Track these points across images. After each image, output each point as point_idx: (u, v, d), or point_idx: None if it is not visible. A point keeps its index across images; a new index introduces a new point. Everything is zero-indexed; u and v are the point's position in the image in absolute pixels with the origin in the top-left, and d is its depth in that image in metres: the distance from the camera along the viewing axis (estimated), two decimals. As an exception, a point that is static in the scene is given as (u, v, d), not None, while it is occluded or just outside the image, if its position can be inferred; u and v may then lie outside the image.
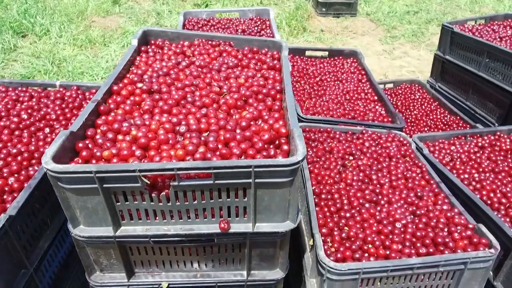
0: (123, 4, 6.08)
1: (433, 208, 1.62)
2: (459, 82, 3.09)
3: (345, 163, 1.91)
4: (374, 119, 2.45)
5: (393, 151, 2.01)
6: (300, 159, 1.01)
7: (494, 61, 2.70)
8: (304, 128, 2.16)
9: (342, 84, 2.79)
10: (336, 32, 5.82)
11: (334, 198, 1.68)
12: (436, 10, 6.72)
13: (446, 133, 2.25)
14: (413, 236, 1.49)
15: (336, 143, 2.05)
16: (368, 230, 1.51)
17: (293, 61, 2.98)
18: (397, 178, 1.81)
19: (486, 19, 3.23)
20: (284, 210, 1.13)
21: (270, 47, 1.86)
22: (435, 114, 2.95)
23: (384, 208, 1.62)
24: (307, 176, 1.78)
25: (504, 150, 2.09)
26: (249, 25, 2.75)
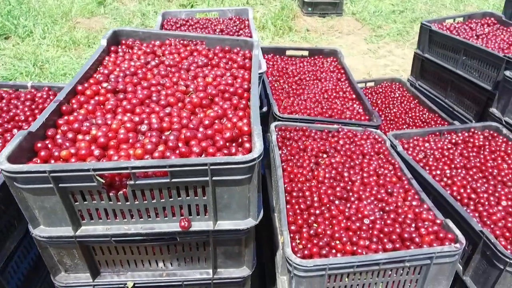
0: (108, 5, 6.05)
1: (402, 204, 1.64)
2: (438, 80, 3.12)
3: (319, 161, 1.93)
4: (351, 117, 2.46)
5: (366, 148, 2.03)
6: (256, 156, 1.02)
7: (470, 58, 2.74)
8: (280, 127, 2.17)
9: (321, 83, 2.80)
10: (321, 32, 5.84)
11: (305, 196, 1.69)
12: (421, 9, 6.78)
13: (421, 130, 2.28)
14: (381, 232, 1.50)
15: (310, 141, 2.06)
16: (336, 226, 1.52)
17: (273, 61, 2.99)
18: (368, 175, 1.82)
19: (465, 17, 3.27)
20: (245, 208, 1.14)
21: (243, 46, 1.87)
22: (414, 111, 2.97)
23: (353, 204, 1.63)
24: (280, 174, 1.79)
25: (477, 146, 2.12)
26: (228, 25, 2.76)
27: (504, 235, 1.56)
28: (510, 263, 1.42)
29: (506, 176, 1.89)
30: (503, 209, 1.68)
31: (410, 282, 1.47)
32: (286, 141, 2.07)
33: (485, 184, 1.84)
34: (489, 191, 1.79)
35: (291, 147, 2.01)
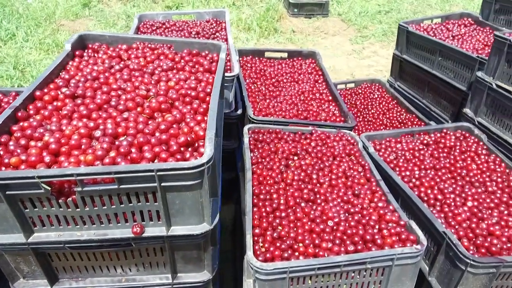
0: (93, 7, 6.02)
1: (367, 206, 1.65)
2: (416, 81, 3.14)
3: (289, 163, 1.93)
4: (327, 119, 2.47)
5: (338, 150, 2.04)
6: (205, 161, 1.02)
7: (446, 59, 2.76)
8: (254, 129, 2.17)
9: (298, 84, 2.81)
10: (307, 33, 5.86)
11: (273, 198, 1.69)
12: (407, 10, 6.82)
13: (394, 131, 2.29)
14: (344, 234, 1.51)
15: (282, 144, 2.06)
16: (300, 229, 1.52)
17: (251, 63, 2.99)
18: (337, 177, 1.83)
19: (443, 18, 3.29)
20: (198, 213, 1.14)
21: (211, 49, 1.87)
22: (392, 112, 2.99)
23: (319, 207, 1.64)
24: (249, 177, 1.79)
25: (448, 147, 2.13)
26: (204, 27, 2.76)
27: (467, 235, 1.58)
28: (471, 264, 1.43)
29: (474, 177, 1.91)
30: (468, 210, 1.69)
31: (374, 284, 1.48)
32: (258, 144, 2.07)
33: (453, 184, 1.86)
34: (456, 191, 1.80)
35: (263, 149, 2.01)
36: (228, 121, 2.35)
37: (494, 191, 1.82)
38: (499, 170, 1.96)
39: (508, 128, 2.16)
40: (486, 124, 2.29)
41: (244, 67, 2.93)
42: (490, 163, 2.01)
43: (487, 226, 1.59)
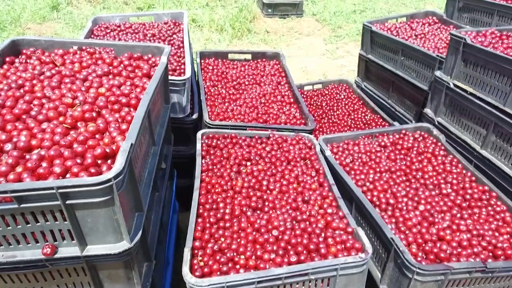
0: (62, 9, 5.86)
1: (315, 213, 1.59)
2: (381, 81, 3.11)
3: (240, 170, 1.86)
4: (287, 121, 2.41)
5: (293, 154, 1.98)
6: (112, 176, 0.94)
7: (408, 59, 2.73)
8: (208, 134, 2.10)
9: (260, 87, 2.75)
10: (281, 33, 5.81)
11: (219, 208, 1.62)
12: (382, 9, 6.84)
13: (352, 133, 2.24)
14: (288, 243, 1.45)
15: (236, 149, 1.99)
16: (243, 240, 1.46)
17: (213, 65, 2.92)
18: (288, 183, 1.77)
19: (407, 17, 3.27)
20: (115, 230, 1.06)
21: (155, 53, 1.80)
22: (357, 113, 2.96)
23: (266, 215, 1.57)
24: (197, 186, 1.72)
25: (405, 148, 2.10)
26: (161, 29, 2.67)
27: (417, 241, 1.53)
28: (418, 272, 1.38)
29: (429, 179, 1.87)
30: (420, 214, 1.65)
31: (320, 294, 1.42)
32: (211, 150, 2.00)
33: (407, 187, 1.82)
34: (410, 195, 1.76)
35: (215, 156, 1.94)
36: (183, 126, 2.27)
37: (448, 194, 1.78)
38: (455, 171, 1.93)
39: (466, 128, 2.14)
40: (446, 124, 2.27)
41: (205, 69, 2.85)
42: (446, 164, 1.97)
43: (437, 231, 1.55)
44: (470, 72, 2.06)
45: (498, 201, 1.76)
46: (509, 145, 1.87)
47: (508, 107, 1.85)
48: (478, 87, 2.02)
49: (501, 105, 1.88)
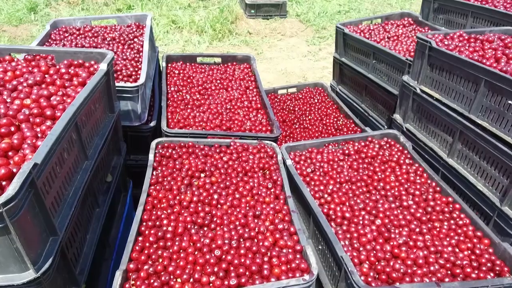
0: (40, 11, 5.74)
1: (264, 229, 1.50)
2: (355, 85, 3.03)
3: (192, 182, 1.77)
4: (251, 128, 2.32)
5: (251, 164, 1.89)
6: (1, 202, 0.84)
7: (380, 62, 2.65)
8: (163, 143, 2.00)
9: (227, 91, 2.65)
10: (264, 34, 5.72)
11: (162, 225, 1.52)
12: (367, 9, 6.77)
13: (317, 141, 2.15)
14: (230, 264, 1.35)
15: (191, 159, 1.89)
16: (182, 261, 1.36)
17: (180, 69, 2.82)
18: (241, 196, 1.68)
19: (382, 18, 3.19)
20: (17, 260, 0.96)
21: (99, 59, 1.70)
22: (329, 118, 2.87)
23: (211, 233, 1.48)
24: (142, 201, 1.62)
25: (369, 157, 2.01)
26: (123, 32, 2.57)
27: (369, 259, 1.44)
28: (366, 293, 1.29)
29: (390, 190, 1.78)
30: (376, 229, 1.56)
31: (264, 319, 1.33)
32: (164, 160, 1.90)
33: (366, 199, 1.73)
34: (368, 207, 1.67)
35: (167, 167, 1.84)
36: (139, 135, 2.17)
37: (409, 206, 1.69)
38: (419, 181, 1.84)
39: (434, 135, 2.05)
40: (414, 131, 2.18)
41: (171, 74, 2.75)
42: (411, 174, 1.89)
43: (392, 247, 1.47)
44: (436, 77, 1.97)
45: (461, 213, 1.68)
46: (474, 153, 1.79)
47: (473, 114, 1.77)
48: (444, 92, 1.94)
49: (466, 112, 1.80)
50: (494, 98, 1.65)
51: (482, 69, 1.67)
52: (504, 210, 1.63)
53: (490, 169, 1.71)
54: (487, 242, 1.55)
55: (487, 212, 1.74)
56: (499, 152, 1.63)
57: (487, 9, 2.59)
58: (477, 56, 1.82)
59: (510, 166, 1.59)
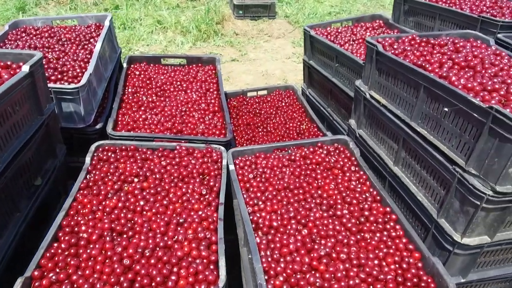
0: (28, 11, 5.76)
1: (182, 238, 1.45)
2: (322, 88, 2.97)
3: (123, 187, 1.73)
4: (204, 132, 2.27)
5: (190, 169, 1.85)
6: None
7: (342, 66, 2.59)
8: (104, 146, 1.96)
9: (186, 94, 2.61)
10: (251, 35, 5.67)
11: (80, 231, 1.48)
12: (359, 10, 6.69)
13: (266, 146, 2.09)
14: (137, 274, 1.31)
15: (127, 163, 1.86)
16: (89, 269, 1.32)
17: (141, 70, 2.78)
18: (169, 203, 1.64)
19: (353, 20, 3.13)
20: None
21: (27, 60, 1.66)
22: (293, 122, 2.81)
23: (125, 241, 1.44)
24: (65, 206, 1.59)
25: (314, 163, 1.95)
26: (81, 33, 2.54)
27: (286, 271, 1.38)
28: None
29: (327, 198, 1.72)
30: (301, 239, 1.50)
31: (171, 331, 1.28)
32: (99, 164, 1.86)
33: (299, 208, 1.67)
34: (299, 216, 1.61)
35: (101, 171, 1.81)
36: (85, 137, 2.14)
37: (343, 215, 1.63)
38: (359, 189, 1.78)
39: (382, 142, 1.99)
40: (365, 137, 2.12)
41: (131, 75, 2.72)
42: (353, 181, 1.82)
43: (311, 259, 1.41)
44: (384, 82, 1.91)
45: (396, 224, 1.61)
46: (416, 162, 1.72)
47: (414, 122, 1.70)
48: (390, 98, 1.88)
49: (408, 119, 1.73)
50: (433, 105, 1.58)
51: (421, 75, 1.61)
52: (440, 223, 1.57)
53: (429, 179, 1.65)
54: (418, 256, 1.48)
55: (427, 224, 1.67)
56: (436, 162, 1.57)
57: (452, 12, 2.52)
58: (422, 60, 1.75)
59: (445, 177, 1.53)
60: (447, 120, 1.51)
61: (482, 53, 1.82)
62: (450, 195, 1.50)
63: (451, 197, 1.50)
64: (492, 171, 1.32)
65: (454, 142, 1.49)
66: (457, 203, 1.48)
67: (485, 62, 1.71)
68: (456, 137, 1.47)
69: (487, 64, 1.70)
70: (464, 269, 1.61)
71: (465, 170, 1.42)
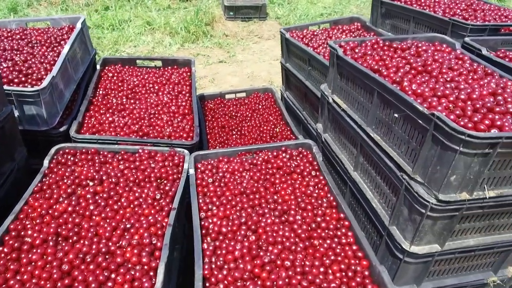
0: (20, 11, 5.78)
1: (126, 244, 1.44)
2: (298, 91, 2.95)
3: (76, 191, 1.72)
4: (171, 135, 2.26)
5: (148, 173, 1.84)
6: None
7: (314, 69, 2.56)
8: (64, 149, 1.96)
9: (157, 96, 2.60)
10: (241, 37, 5.66)
11: (26, 235, 1.47)
12: (351, 12, 6.65)
13: (230, 150, 2.08)
14: (75, 280, 1.30)
15: (85, 167, 1.85)
16: (27, 274, 1.31)
17: (114, 72, 2.77)
18: (120, 208, 1.63)
19: (331, 23, 3.11)
20: None
21: (-19, 64, 1.66)
22: (268, 125, 2.79)
23: (69, 246, 1.43)
24: (15, 210, 1.58)
25: (275, 167, 1.93)
26: (52, 35, 2.54)
27: (227, 278, 1.36)
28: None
29: (282, 204, 1.70)
30: (247, 246, 1.48)
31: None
32: (55, 167, 1.85)
33: (253, 213, 1.65)
34: (250, 222, 1.59)
35: (57, 174, 1.80)
36: (49, 140, 2.14)
37: (295, 221, 1.61)
38: (315, 195, 1.76)
39: (344, 147, 1.97)
40: (330, 141, 2.10)
41: (104, 77, 2.71)
42: (311, 186, 1.81)
43: (253, 267, 1.39)
44: (344, 87, 1.89)
45: (349, 231, 1.59)
46: (372, 167, 1.70)
47: (369, 127, 1.68)
48: (349, 103, 1.86)
49: (364, 124, 1.71)
50: (385, 110, 1.56)
51: (373, 80, 1.59)
52: (391, 230, 1.55)
53: (383, 185, 1.63)
54: (366, 264, 1.46)
55: (381, 231, 1.65)
56: (387, 168, 1.55)
57: (425, 15, 2.50)
58: (379, 65, 1.73)
59: (396, 184, 1.51)
60: (397, 126, 1.49)
61: (443, 57, 1.79)
62: (399, 203, 1.48)
63: (400, 204, 1.48)
64: (435, 179, 1.30)
65: (403, 148, 1.47)
66: (406, 210, 1.46)
67: (443, 67, 1.69)
68: (405, 144, 1.45)
69: (445, 69, 1.67)
70: (418, 278, 1.58)
71: (411, 178, 1.40)
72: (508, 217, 1.49)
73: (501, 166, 1.27)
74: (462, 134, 1.16)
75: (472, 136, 1.15)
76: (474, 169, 1.25)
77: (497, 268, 1.69)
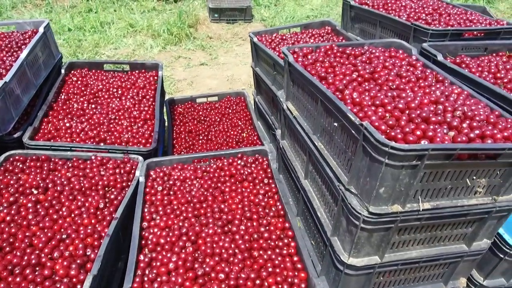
0: (3, 13, 5.75)
1: (58, 255, 1.41)
2: (267, 96, 2.92)
3: (19, 199, 1.69)
4: (129, 140, 2.23)
5: (95, 181, 1.81)
6: None
7: (279, 74, 2.53)
8: (15, 156, 1.94)
9: (120, 101, 2.57)
10: (225, 39, 5.63)
11: (-42, 246, 1.45)
12: (337, 14, 6.62)
13: (186, 156, 2.05)
14: (-3, 294, 1.28)
15: (32, 174, 1.82)
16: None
17: (79, 76, 2.74)
18: (59, 217, 1.60)
19: (302, 26, 3.07)
20: None
21: None
22: (235, 130, 2.77)
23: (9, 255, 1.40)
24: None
25: (227, 175, 1.90)
26: (13, 39, 2.51)
27: (159, 291, 1.34)
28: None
29: (227, 213, 1.67)
30: (184, 257, 1.45)
31: None
32: (4, 175, 1.83)
33: (196, 223, 1.62)
34: (190, 232, 1.57)
35: (2, 182, 1.77)
36: (3, 146, 2.10)
37: (238, 231, 1.59)
38: (264, 204, 1.74)
39: (297, 154, 1.94)
40: (286, 148, 2.07)
41: (68, 81, 2.69)
42: (260, 195, 1.78)
43: (184, 280, 1.37)
44: (296, 94, 1.86)
45: (291, 242, 1.57)
46: (318, 176, 1.67)
47: (315, 135, 1.65)
48: (300, 110, 1.83)
49: (311, 131, 1.68)
50: (328, 119, 1.53)
51: (316, 88, 1.56)
52: (332, 241, 1.51)
53: (327, 194, 1.60)
54: (304, 276, 1.44)
55: (326, 242, 1.62)
56: (329, 178, 1.52)
57: (390, 19, 2.47)
58: (328, 72, 1.70)
59: (335, 194, 1.48)
60: (337, 135, 1.46)
61: (394, 64, 1.77)
62: (338, 213, 1.45)
63: (339, 215, 1.45)
64: (366, 191, 1.27)
65: (341, 158, 1.44)
66: (344, 221, 1.43)
67: (391, 74, 1.66)
68: (343, 154, 1.42)
69: (392, 76, 1.64)
70: (361, 289, 1.55)
71: (346, 189, 1.37)
72: (451, 229, 1.46)
73: (434, 177, 1.24)
74: (385, 146, 1.13)
75: (395, 148, 1.12)
76: (403, 181, 1.22)
77: (447, 280, 1.66)
